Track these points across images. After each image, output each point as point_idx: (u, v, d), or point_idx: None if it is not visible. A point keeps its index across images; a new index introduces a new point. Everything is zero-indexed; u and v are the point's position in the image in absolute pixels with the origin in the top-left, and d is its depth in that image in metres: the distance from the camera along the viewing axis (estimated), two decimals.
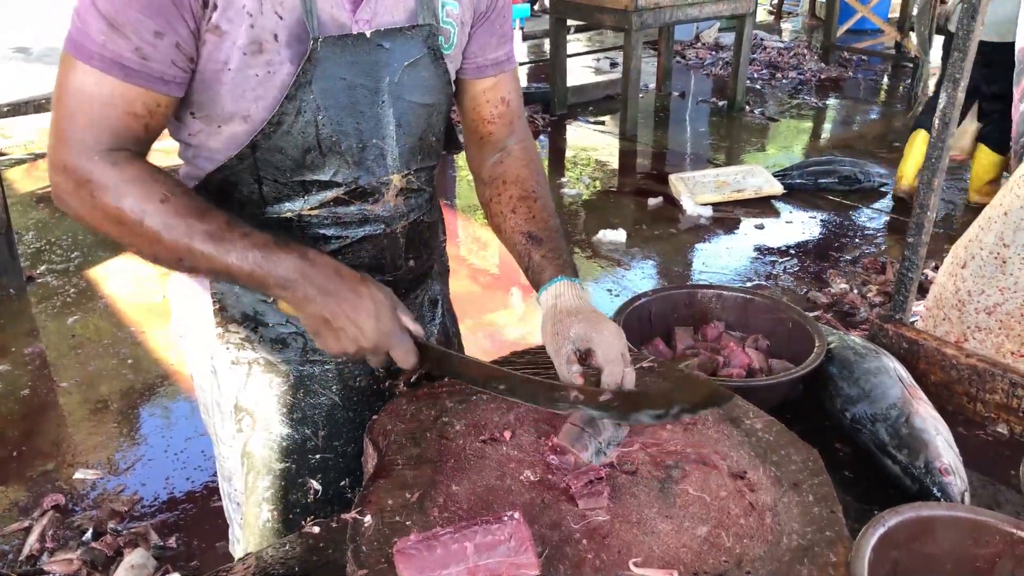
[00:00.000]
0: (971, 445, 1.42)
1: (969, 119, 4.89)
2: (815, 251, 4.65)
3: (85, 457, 2.98)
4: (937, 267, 3.80)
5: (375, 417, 1.21)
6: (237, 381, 1.33)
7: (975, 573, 0.98)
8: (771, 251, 4.67)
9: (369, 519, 0.99)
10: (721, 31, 10.04)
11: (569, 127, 7.04)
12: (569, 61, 7.36)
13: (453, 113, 1.39)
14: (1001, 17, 4.35)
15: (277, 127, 1.14)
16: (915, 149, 5.08)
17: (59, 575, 2.40)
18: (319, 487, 1.34)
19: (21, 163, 5.98)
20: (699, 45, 9.85)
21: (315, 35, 1.10)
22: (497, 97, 1.38)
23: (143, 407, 3.29)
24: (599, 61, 9.13)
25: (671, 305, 1.65)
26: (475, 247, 4.79)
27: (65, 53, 1.05)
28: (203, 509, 2.72)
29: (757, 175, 5.47)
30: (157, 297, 4.08)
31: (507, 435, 1.16)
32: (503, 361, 1.34)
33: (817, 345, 1.46)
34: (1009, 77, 3.29)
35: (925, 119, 5.02)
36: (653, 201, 5.32)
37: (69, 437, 3.11)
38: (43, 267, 4.43)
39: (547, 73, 7.49)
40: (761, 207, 5.21)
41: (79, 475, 2.87)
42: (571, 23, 7.39)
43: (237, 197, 1.20)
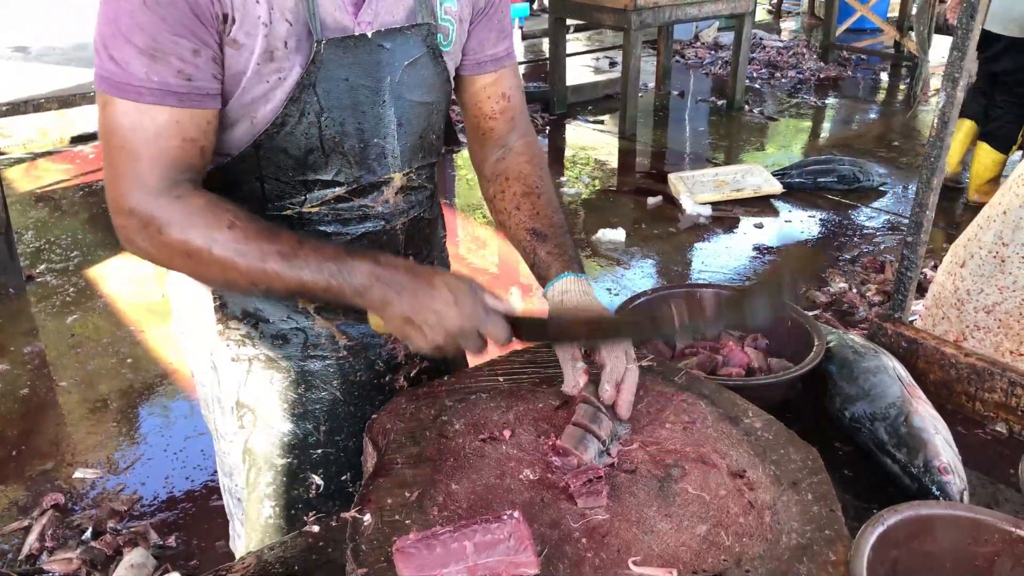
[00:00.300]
0: (970, 444, 1.42)
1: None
2: (814, 250, 4.65)
3: (84, 456, 2.98)
4: (936, 266, 3.81)
5: (374, 416, 1.21)
6: (238, 377, 1.33)
7: (974, 572, 0.98)
8: (770, 250, 4.68)
9: (368, 518, 0.99)
10: (720, 30, 10.04)
11: (568, 126, 7.04)
12: (568, 60, 7.36)
13: (454, 112, 1.39)
14: (1019, 13, 4.36)
15: (281, 128, 1.14)
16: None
17: (59, 574, 2.40)
18: (321, 482, 1.34)
19: (20, 162, 5.98)
20: (698, 44, 9.85)
21: (319, 37, 1.10)
22: (498, 93, 1.38)
23: (142, 406, 3.29)
24: (598, 60, 9.12)
25: (670, 305, 1.65)
26: (474, 246, 4.79)
27: (104, 95, 1.04)
28: (202, 508, 2.73)
29: (756, 174, 5.47)
30: (156, 296, 4.08)
31: (506, 434, 1.16)
32: (502, 360, 1.34)
33: (816, 344, 1.46)
34: None
35: (968, 108, 4.96)
36: (652, 200, 5.32)
37: (68, 436, 3.11)
38: (42, 266, 4.43)
39: (546, 72, 7.49)
40: (760, 206, 5.21)
41: (78, 474, 2.87)
42: (570, 22, 7.39)
43: (238, 195, 1.20)
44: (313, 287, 1.08)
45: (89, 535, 2.55)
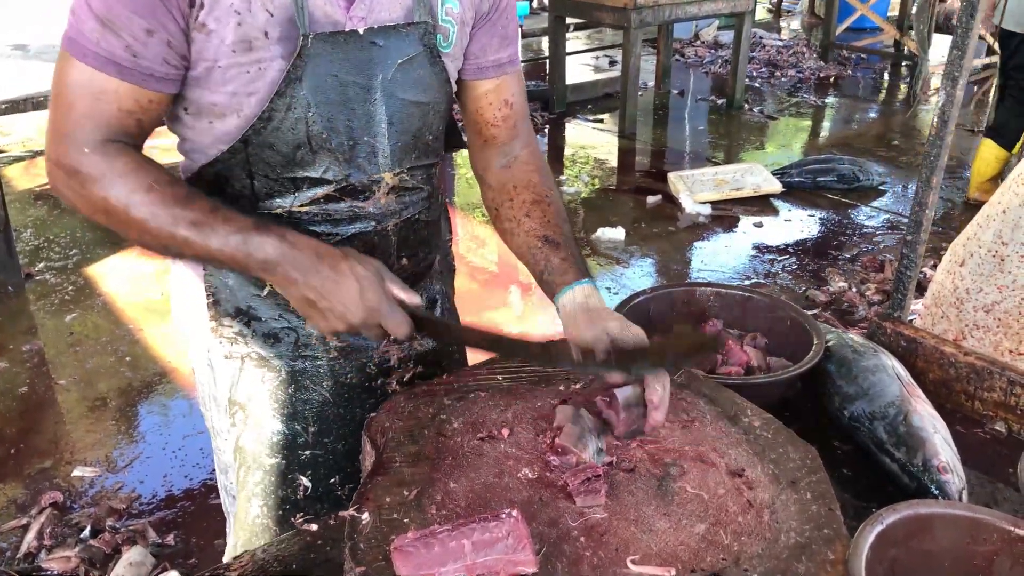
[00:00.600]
0: (969, 443, 1.42)
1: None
2: (814, 249, 4.65)
3: (83, 454, 2.98)
4: (936, 265, 3.81)
5: (373, 415, 1.21)
6: (230, 375, 1.33)
7: (973, 571, 0.98)
8: (770, 249, 4.67)
9: (367, 516, 0.99)
10: (720, 29, 10.04)
11: (568, 125, 7.04)
12: (568, 59, 7.35)
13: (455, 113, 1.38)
14: None
15: (267, 123, 1.14)
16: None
17: (57, 573, 2.40)
18: (309, 484, 1.34)
19: (19, 160, 5.97)
20: (698, 43, 9.85)
21: (304, 31, 1.10)
22: (500, 99, 1.37)
23: (141, 405, 3.29)
24: (598, 59, 9.12)
25: (670, 303, 1.65)
26: (473, 245, 4.78)
27: (62, 50, 1.07)
28: (201, 506, 2.72)
29: (756, 173, 5.47)
30: (155, 295, 4.08)
31: (505, 433, 1.16)
32: (501, 359, 1.34)
33: (815, 343, 1.46)
34: None
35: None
36: (652, 199, 5.32)
37: (67, 434, 3.10)
38: (41, 264, 4.42)
39: (546, 71, 7.49)
40: (760, 205, 5.21)
41: (77, 472, 2.87)
42: (570, 21, 7.38)
43: (229, 192, 1.21)
44: (220, 256, 1.11)
45: (88, 533, 2.55)
